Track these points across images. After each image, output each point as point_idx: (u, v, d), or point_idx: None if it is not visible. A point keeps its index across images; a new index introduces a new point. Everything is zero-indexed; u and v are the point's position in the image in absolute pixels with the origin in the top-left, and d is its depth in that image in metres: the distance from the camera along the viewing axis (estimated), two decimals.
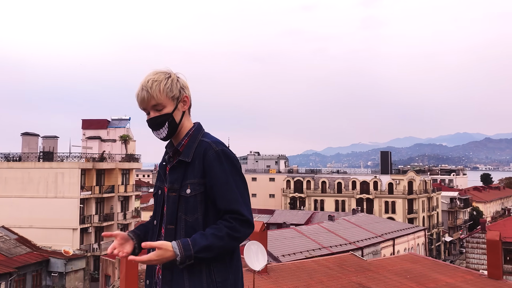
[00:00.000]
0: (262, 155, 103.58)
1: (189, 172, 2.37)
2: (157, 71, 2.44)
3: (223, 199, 2.29)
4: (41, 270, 37.11)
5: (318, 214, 55.41)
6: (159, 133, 2.44)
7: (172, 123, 2.42)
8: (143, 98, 2.38)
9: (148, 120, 2.43)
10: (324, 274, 17.53)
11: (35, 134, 46.72)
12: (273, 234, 30.20)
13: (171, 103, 2.42)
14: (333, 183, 71.34)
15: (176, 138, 2.49)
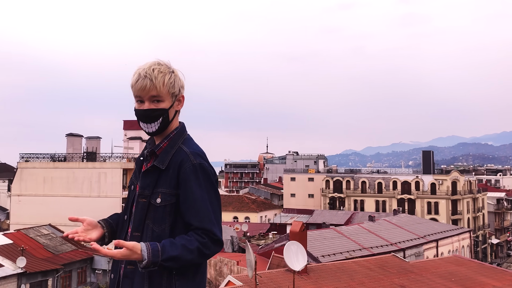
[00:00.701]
0: (300, 155, 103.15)
1: (162, 180, 2.29)
2: (160, 62, 2.35)
3: (196, 215, 2.22)
4: (85, 267, 38.14)
5: (358, 215, 54.68)
6: (149, 126, 2.34)
7: (165, 119, 2.35)
8: (144, 86, 2.27)
9: (143, 110, 2.31)
10: (365, 275, 17.25)
11: (79, 135, 48.04)
12: (312, 235, 29.95)
13: (169, 99, 2.35)
14: (373, 183, 70.26)
15: (160, 137, 2.42)
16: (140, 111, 2.32)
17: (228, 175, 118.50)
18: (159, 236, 2.22)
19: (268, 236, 44.44)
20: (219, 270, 28.99)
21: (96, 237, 2.36)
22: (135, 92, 2.31)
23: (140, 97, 2.31)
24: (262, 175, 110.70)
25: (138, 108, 2.33)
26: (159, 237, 2.22)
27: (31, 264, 29.73)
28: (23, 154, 45.53)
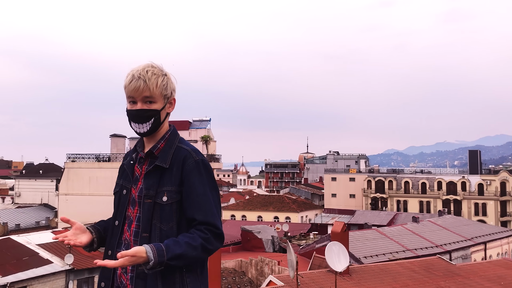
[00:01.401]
0: (341, 154, 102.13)
1: (166, 178, 2.34)
2: (153, 65, 2.39)
3: (199, 210, 2.28)
4: None
5: (401, 215, 53.59)
6: (141, 126, 2.37)
7: (157, 120, 2.38)
8: (138, 87, 2.31)
9: (136, 110, 2.35)
10: (409, 277, 16.86)
11: (122, 136, 49.14)
12: (354, 235, 29.53)
13: (161, 101, 2.39)
14: (416, 183, 68.74)
15: (152, 139, 2.45)
16: (132, 111, 2.36)
17: (269, 175, 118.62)
18: (167, 235, 2.26)
19: (309, 236, 44.15)
20: (260, 270, 29.01)
21: (86, 241, 2.40)
22: (128, 92, 2.35)
23: (133, 98, 2.35)
24: (303, 175, 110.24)
25: (130, 108, 2.37)
26: (167, 236, 2.26)
27: (78, 261, 30.61)
28: (70, 155, 46.99)
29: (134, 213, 2.37)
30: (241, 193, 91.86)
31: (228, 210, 70.53)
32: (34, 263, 29.29)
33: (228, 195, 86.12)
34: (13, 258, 29.64)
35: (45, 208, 65.51)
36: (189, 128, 53.49)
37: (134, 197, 2.38)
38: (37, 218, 59.50)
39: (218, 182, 77.03)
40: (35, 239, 32.54)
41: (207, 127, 53.67)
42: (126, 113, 2.41)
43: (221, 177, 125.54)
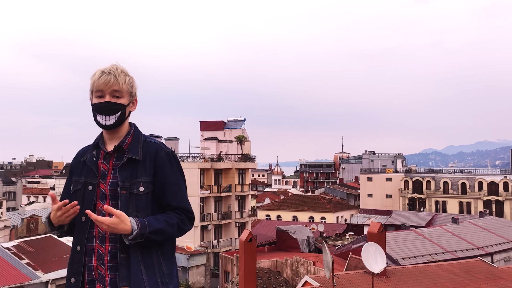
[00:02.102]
0: (377, 154, 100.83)
1: (140, 170, 2.50)
2: (119, 66, 2.56)
3: (174, 197, 2.53)
4: None
5: (440, 216, 52.44)
6: (107, 119, 2.50)
7: (123, 114, 2.53)
8: (108, 81, 2.46)
9: (105, 102, 2.48)
10: (449, 280, 16.46)
11: (158, 136, 49.88)
12: (391, 236, 29.06)
13: (127, 97, 2.56)
14: (456, 184, 67.08)
15: (115, 135, 2.58)
16: (100, 103, 2.49)
17: (303, 175, 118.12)
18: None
19: (344, 237, 43.71)
20: (296, 270, 28.89)
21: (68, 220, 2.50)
22: (98, 86, 2.49)
23: (102, 92, 2.49)
24: (338, 175, 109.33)
25: (97, 101, 2.50)
26: None
27: None
28: None
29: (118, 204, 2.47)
30: (276, 193, 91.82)
31: (263, 210, 70.60)
32: None
33: (263, 195, 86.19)
34: (54, 255, 30.52)
35: None
36: (224, 128, 53.81)
37: (105, 191, 2.49)
38: None
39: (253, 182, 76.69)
40: None
41: (242, 127, 53.85)
42: (92, 108, 2.53)
43: (256, 177, 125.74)
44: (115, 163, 2.53)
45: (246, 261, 18.00)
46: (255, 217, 54.57)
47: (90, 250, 2.45)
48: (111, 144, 2.58)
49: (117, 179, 2.49)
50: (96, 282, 2.43)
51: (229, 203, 47.58)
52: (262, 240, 43.67)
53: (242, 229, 42.40)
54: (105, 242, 2.44)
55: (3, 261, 28.68)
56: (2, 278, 26.65)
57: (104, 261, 2.43)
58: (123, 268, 2.40)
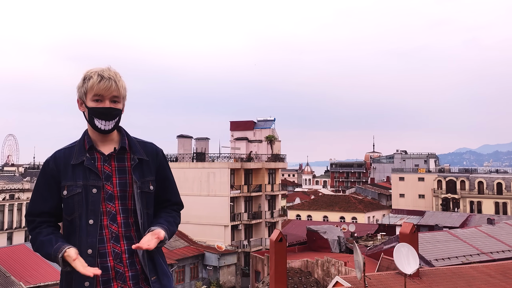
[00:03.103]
0: (409, 154, 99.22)
1: (146, 170, 2.63)
2: (113, 69, 2.58)
3: (173, 193, 2.78)
4: (197, 263, 39.90)
5: (475, 217, 51.25)
6: (107, 124, 2.54)
7: (119, 119, 2.60)
8: (109, 86, 2.49)
9: (106, 108, 2.51)
10: (485, 282, 16.07)
11: (188, 136, 50.37)
12: (424, 237, 28.58)
13: (122, 102, 2.62)
14: (491, 184, 65.40)
15: (108, 138, 2.62)
16: (101, 108, 2.51)
17: (334, 174, 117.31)
18: (149, 219, 2.61)
19: (376, 237, 43.21)
20: (327, 271, 28.74)
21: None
22: (98, 91, 2.49)
23: (101, 96, 2.50)
24: (369, 174, 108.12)
25: (97, 106, 2.51)
26: (149, 219, 2.61)
27: None
28: None
29: (116, 206, 2.53)
30: (306, 193, 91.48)
31: (293, 210, 70.44)
32: None
33: (293, 195, 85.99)
34: None
35: None
36: (254, 128, 53.90)
37: (112, 192, 2.53)
38: None
39: (283, 182, 76.37)
40: None
41: (272, 127, 53.84)
42: (88, 110, 2.53)
43: (286, 177, 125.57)
44: (119, 164, 2.58)
45: (277, 261, 17.99)
46: (285, 217, 54.51)
47: (102, 251, 2.47)
48: (105, 147, 2.60)
49: (125, 180, 2.56)
50: (112, 281, 2.47)
51: (259, 203, 47.65)
52: (293, 240, 43.58)
53: (272, 229, 42.40)
54: (119, 241, 2.51)
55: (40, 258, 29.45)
56: (39, 275, 27.41)
57: (122, 259, 2.49)
58: (150, 261, 2.54)
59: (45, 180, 2.57)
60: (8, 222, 46.02)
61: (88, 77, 2.51)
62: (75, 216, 2.49)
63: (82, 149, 2.57)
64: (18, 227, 46.74)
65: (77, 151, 2.57)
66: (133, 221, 2.56)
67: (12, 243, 43.48)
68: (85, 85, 2.52)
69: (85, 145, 2.58)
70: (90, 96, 2.51)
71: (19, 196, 47.90)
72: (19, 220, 46.90)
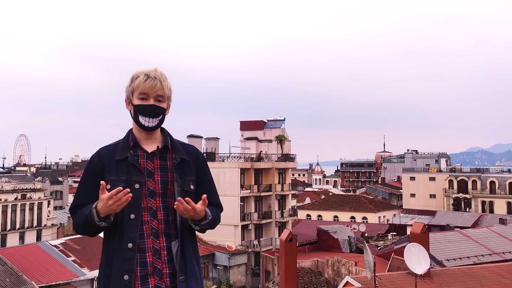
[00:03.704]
0: (420, 153, 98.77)
1: (187, 170, 2.69)
2: (160, 70, 2.67)
3: (212, 194, 2.75)
4: (208, 263, 39.95)
5: (487, 217, 50.87)
6: (151, 121, 2.63)
7: (163, 117, 2.69)
8: (154, 85, 2.59)
9: (150, 105, 2.60)
10: (497, 282, 15.92)
11: (199, 136, 50.44)
12: (435, 237, 28.39)
13: (167, 102, 2.70)
14: (503, 183, 64.80)
15: (152, 136, 2.69)
16: (146, 105, 2.61)
17: (344, 174, 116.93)
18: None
19: (387, 237, 43.01)
20: (337, 271, 28.66)
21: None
22: (143, 89, 2.60)
23: (147, 95, 2.61)
24: (380, 174, 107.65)
25: (141, 103, 2.62)
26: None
27: None
28: None
29: (157, 203, 2.59)
30: (316, 192, 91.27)
31: (303, 209, 70.30)
32: None
33: (303, 195, 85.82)
34: (99, 253, 31.27)
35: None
36: (264, 128, 53.88)
37: (154, 189, 2.60)
38: None
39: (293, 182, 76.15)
40: None
41: (282, 127, 53.77)
42: (134, 108, 2.63)
43: (296, 177, 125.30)
44: (161, 162, 2.64)
45: (287, 260, 17.97)
46: (295, 216, 54.41)
47: (142, 246, 2.52)
48: (148, 145, 2.67)
49: (166, 177, 2.62)
50: (149, 277, 2.51)
51: (270, 203, 47.61)
52: (303, 239, 43.51)
53: (282, 229, 42.36)
54: (159, 237, 2.56)
55: (51, 258, 29.73)
56: (50, 275, 27.63)
57: (160, 255, 2.54)
58: (181, 260, 2.57)
59: (89, 175, 2.65)
60: (20, 221, 46.40)
61: (135, 76, 2.63)
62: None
63: (126, 146, 2.65)
64: (30, 227, 47.13)
65: (121, 148, 2.65)
66: (173, 220, 2.60)
67: (24, 242, 43.83)
68: (132, 84, 2.63)
69: (129, 142, 2.66)
70: (136, 94, 2.62)
71: (31, 195, 48.32)
72: (31, 219, 47.31)
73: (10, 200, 46.27)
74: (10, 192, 47.29)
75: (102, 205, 2.41)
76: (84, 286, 28.60)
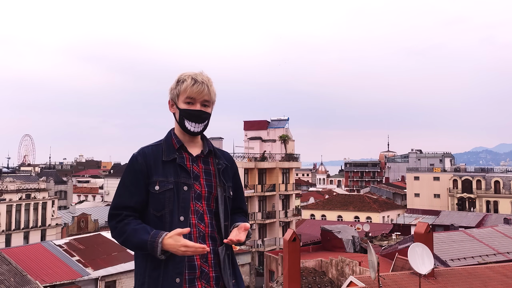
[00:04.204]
0: (424, 153, 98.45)
1: (227, 175, 2.71)
2: (206, 74, 2.65)
3: (242, 202, 2.83)
4: None
5: (491, 217, 50.67)
6: (197, 126, 2.62)
7: (208, 123, 2.67)
8: (202, 91, 2.57)
9: (197, 110, 2.59)
10: (501, 282, 15.86)
11: None
12: (439, 237, 28.30)
13: (212, 107, 2.69)
14: (508, 183, 64.55)
15: (195, 140, 2.70)
16: (193, 110, 2.59)
17: (348, 174, 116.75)
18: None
19: (391, 237, 42.91)
20: (341, 270, 28.60)
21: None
22: (190, 94, 2.57)
23: (193, 99, 2.58)
24: (384, 174, 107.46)
25: (188, 108, 2.59)
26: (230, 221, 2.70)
27: None
28: None
29: (204, 206, 2.58)
30: (320, 192, 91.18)
31: (307, 209, 70.23)
32: (123, 258, 30.87)
33: (307, 195, 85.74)
34: (103, 253, 31.43)
35: None
36: (267, 128, 53.86)
37: (200, 192, 2.58)
38: None
39: (297, 181, 76.17)
40: None
41: (285, 127, 53.74)
42: (180, 112, 2.61)
43: (300, 176, 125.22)
44: (205, 167, 2.66)
45: (290, 260, 17.95)
46: (299, 216, 54.34)
47: None
48: (191, 148, 2.67)
49: (210, 182, 2.63)
50: (196, 280, 2.48)
51: (273, 203, 47.59)
52: (307, 239, 43.45)
53: (286, 229, 42.31)
54: (205, 241, 2.53)
55: (56, 257, 29.81)
56: (54, 274, 27.70)
57: (207, 258, 2.52)
58: (230, 264, 2.61)
59: (133, 175, 2.56)
60: (25, 221, 46.54)
61: (182, 80, 2.60)
62: (165, 212, 2.50)
63: (172, 147, 2.63)
64: (34, 226, 47.28)
65: (166, 149, 2.62)
66: (216, 224, 2.60)
67: (29, 242, 43.98)
68: (178, 87, 2.61)
69: (174, 144, 2.64)
70: (183, 98, 2.60)
71: (35, 195, 48.48)
72: (35, 219, 47.45)
73: (14, 200, 46.44)
74: (15, 192, 47.48)
75: (172, 244, 2.32)
76: (88, 285, 28.65)
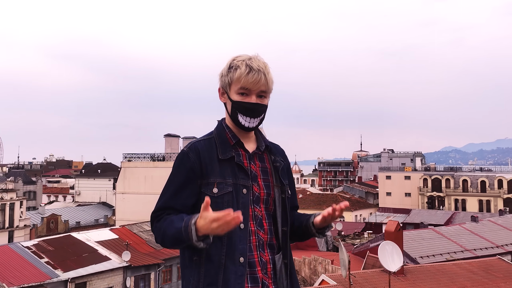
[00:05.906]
0: (396, 152, 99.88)
1: (283, 173, 2.34)
2: (262, 59, 2.23)
3: (295, 198, 2.45)
4: None
5: (459, 215, 51.78)
6: (252, 121, 2.21)
7: (264, 116, 2.28)
8: (259, 80, 2.14)
9: (253, 104, 2.18)
10: (468, 278, 16.25)
11: (176, 136, 50.18)
12: (409, 234, 28.81)
13: (269, 97, 2.27)
14: (475, 182, 66.14)
15: (249, 134, 2.31)
16: (248, 104, 2.18)
17: (322, 173, 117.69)
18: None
19: (363, 236, 43.49)
20: (314, 269, 28.83)
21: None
22: (245, 84, 2.15)
23: (248, 90, 2.17)
24: (356, 173, 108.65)
25: (242, 100, 2.18)
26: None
27: (135, 258, 31.52)
28: (126, 154, 48.47)
29: (262, 211, 2.23)
30: None
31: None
32: (94, 260, 30.41)
33: None
34: (73, 254, 30.91)
35: (103, 206, 67.97)
36: None
37: (259, 194, 2.23)
38: (96, 216, 61.82)
39: None
40: (94, 236, 33.77)
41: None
42: (232, 104, 2.22)
43: None
44: (262, 165, 2.28)
45: None
46: None
47: (251, 260, 2.15)
48: (247, 144, 2.29)
49: (268, 182, 2.26)
50: None
51: None
52: None
53: None
54: (264, 249, 2.20)
55: (23, 260, 29.15)
56: (22, 277, 27.09)
57: (267, 269, 2.18)
58: (290, 275, 2.28)
59: (182, 173, 2.19)
60: None
61: (235, 66, 2.17)
62: None
63: (227, 143, 2.24)
64: (2, 228, 46.14)
65: (221, 145, 2.22)
66: (274, 229, 2.26)
67: None
68: (230, 75, 2.18)
69: (229, 140, 2.25)
70: (236, 88, 2.18)
71: (2, 196, 47.30)
72: (2, 220, 46.31)
73: None
74: None
75: (203, 224, 1.91)
76: None
